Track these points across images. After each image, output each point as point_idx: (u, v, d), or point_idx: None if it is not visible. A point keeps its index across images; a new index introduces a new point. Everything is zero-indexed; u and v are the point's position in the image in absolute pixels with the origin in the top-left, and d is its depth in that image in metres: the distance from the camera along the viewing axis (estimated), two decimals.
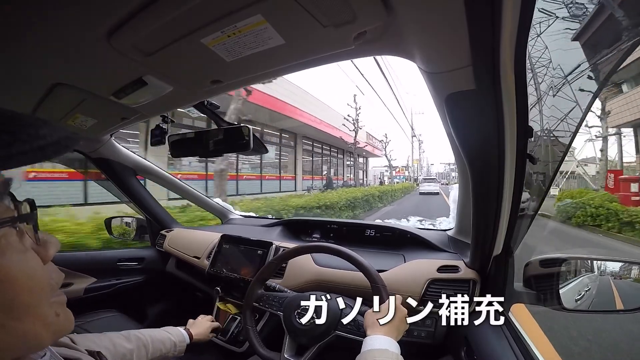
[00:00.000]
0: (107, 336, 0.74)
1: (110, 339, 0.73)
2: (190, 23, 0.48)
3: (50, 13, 0.46)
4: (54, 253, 0.36)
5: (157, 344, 0.84)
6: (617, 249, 5.62)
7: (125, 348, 0.74)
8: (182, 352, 0.93)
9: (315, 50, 0.56)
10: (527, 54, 0.44)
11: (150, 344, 0.81)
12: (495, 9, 0.37)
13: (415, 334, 0.95)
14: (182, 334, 0.96)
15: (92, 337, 0.71)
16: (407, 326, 0.77)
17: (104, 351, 0.63)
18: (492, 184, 0.64)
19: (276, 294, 0.92)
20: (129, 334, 0.80)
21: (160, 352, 0.85)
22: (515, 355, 0.68)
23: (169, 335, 0.90)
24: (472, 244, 0.87)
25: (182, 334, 0.95)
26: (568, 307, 0.78)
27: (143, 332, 0.85)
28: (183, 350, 0.93)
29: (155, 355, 0.83)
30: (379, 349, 0.66)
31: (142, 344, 0.79)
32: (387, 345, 0.67)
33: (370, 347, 0.67)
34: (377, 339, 0.68)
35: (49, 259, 0.35)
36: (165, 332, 0.91)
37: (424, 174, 40.33)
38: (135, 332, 0.83)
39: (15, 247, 0.32)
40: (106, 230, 1.67)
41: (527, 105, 0.51)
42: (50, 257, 0.36)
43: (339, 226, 1.40)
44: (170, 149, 0.92)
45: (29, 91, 0.72)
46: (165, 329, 0.94)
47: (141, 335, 0.82)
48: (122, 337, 0.77)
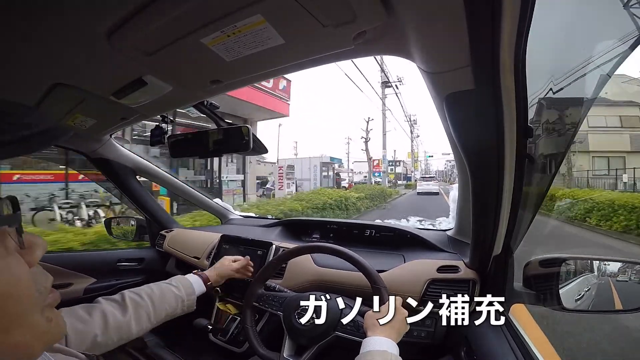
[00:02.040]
0: (97, 308, 0.67)
1: (102, 311, 0.67)
2: (190, 23, 0.48)
3: (50, 13, 0.46)
4: (41, 256, 0.33)
5: (160, 304, 0.76)
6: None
7: (119, 319, 0.68)
8: (193, 306, 0.83)
9: (315, 50, 0.57)
10: (526, 54, 0.44)
11: (151, 307, 0.74)
12: (495, 9, 0.37)
13: (415, 334, 0.95)
14: (190, 284, 0.84)
15: (80, 312, 0.65)
16: (407, 328, 0.77)
17: (99, 333, 0.60)
18: (492, 184, 0.64)
19: (276, 294, 0.92)
20: (124, 298, 0.72)
21: (165, 312, 0.77)
22: (515, 355, 0.68)
23: (173, 290, 0.80)
24: (472, 244, 0.87)
25: (191, 286, 0.84)
26: (568, 307, 0.78)
27: (142, 291, 0.76)
28: (193, 304, 0.83)
29: (159, 317, 0.76)
30: (378, 350, 0.66)
31: (142, 310, 0.72)
32: (387, 346, 0.67)
33: (370, 349, 0.67)
34: (376, 341, 0.68)
35: (35, 262, 0.32)
36: (169, 288, 0.81)
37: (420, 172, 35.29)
38: (133, 294, 0.74)
39: None
40: (106, 230, 1.67)
41: (526, 105, 0.51)
42: (36, 260, 0.33)
43: (339, 226, 1.40)
44: (170, 149, 0.92)
45: (28, 91, 0.72)
46: (171, 281, 0.83)
47: (139, 297, 0.74)
48: (115, 306, 0.70)
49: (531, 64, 0.45)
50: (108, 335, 0.65)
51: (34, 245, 0.33)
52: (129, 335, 0.70)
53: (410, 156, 33.89)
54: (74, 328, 0.60)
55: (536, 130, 0.57)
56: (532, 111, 0.55)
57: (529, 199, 0.68)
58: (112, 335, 0.66)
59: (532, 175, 0.64)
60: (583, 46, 0.52)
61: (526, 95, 0.50)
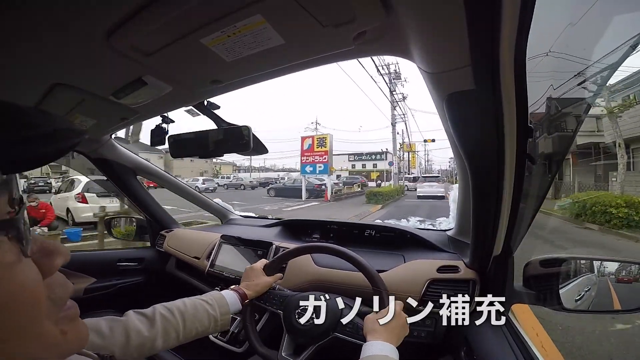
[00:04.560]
0: (122, 324, 0.64)
1: (126, 328, 0.63)
2: (190, 23, 0.48)
3: (50, 13, 0.46)
4: (61, 264, 0.31)
5: (191, 322, 0.71)
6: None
7: (144, 337, 0.64)
8: (227, 326, 0.77)
9: (315, 50, 0.57)
10: (526, 54, 0.44)
11: (181, 325, 0.69)
12: (494, 9, 0.37)
13: (415, 334, 0.95)
14: (225, 303, 0.78)
15: (102, 326, 0.61)
16: (406, 332, 0.77)
17: (117, 351, 0.56)
18: (492, 184, 0.64)
19: (277, 293, 0.92)
20: (154, 314, 0.68)
21: (195, 330, 0.71)
22: (515, 355, 0.68)
23: (207, 308, 0.75)
24: (472, 244, 0.87)
25: (226, 304, 0.78)
26: (568, 307, 0.78)
27: (174, 306, 0.71)
28: (227, 324, 0.77)
29: (189, 335, 0.71)
30: (379, 355, 0.66)
31: (170, 326, 0.68)
32: (387, 351, 0.66)
33: (370, 353, 0.66)
34: (376, 345, 0.68)
35: (53, 271, 0.30)
36: (203, 305, 0.75)
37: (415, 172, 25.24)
38: (165, 309, 0.70)
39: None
40: (106, 230, 1.67)
41: (526, 105, 0.51)
42: (55, 269, 0.30)
43: (339, 226, 1.40)
44: (170, 149, 0.92)
45: (28, 91, 0.72)
46: (206, 298, 0.77)
47: (170, 314, 0.70)
48: (143, 321, 0.66)
49: (531, 64, 0.45)
50: (128, 352, 0.62)
51: (53, 253, 0.31)
52: (151, 351, 0.67)
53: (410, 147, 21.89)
54: (91, 342, 0.56)
55: (536, 130, 0.57)
56: (532, 111, 0.55)
57: (529, 199, 0.69)
58: (132, 351, 0.63)
59: (533, 175, 0.64)
60: (583, 46, 0.52)
61: (526, 95, 0.50)
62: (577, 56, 0.53)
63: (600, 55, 0.49)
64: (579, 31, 0.46)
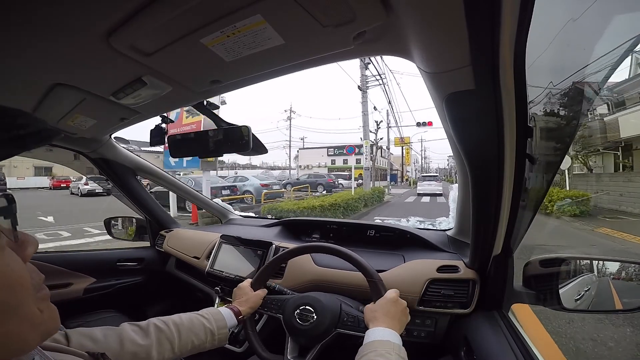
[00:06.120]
0: (116, 332, 0.64)
1: (120, 336, 0.63)
2: (190, 23, 0.48)
3: (50, 13, 0.46)
4: (33, 253, 0.35)
5: (187, 335, 0.71)
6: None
7: (138, 345, 0.64)
8: (225, 341, 0.77)
9: (315, 50, 0.56)
10: (526, 54, 0.44)
11: (175, 336, 0.69)
12: (494, 9, 0.37)
13: (415, 334, 0.95)
14: (222, 317, 0.78)
15: (96, 333, 0.61)
16: (408, 318, 0.77)
17: (111, 354, 0.55)
18: (492, 183, 0.64)
19: (275, 297, 0.92)
20: (148, 325, 0.68)
21: (191, 344, 0.71)
22: (514, 355, 0.68)
23: (203, 322, 0.75)
24: (472, 244, 0.87)
25: (223, 319, 0.78)
26: (568, 307, 0.78)
27: (170, 320, 0.72)
28: (225, 339, 0.77)
29: (184, 348, 0.70)
30: (381, 340, 0.66)
31: (164, 337, 0.68)
32: (389, 336, 0.67)
33: (372, 339, 0.67)
34: (378, 331, 0.68)
35: (28, 258, 0.33)
36: (199, 319, 0.75)
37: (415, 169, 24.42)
38: (159, 321, 0.70)
39: None
40: (106, 230, 1.67)
41: (526, 105, 0.51)
42: (28, 257, 0.34)
43: (339, 226, 1.40)
44: (170, 149, 0.92)
45: (28, 91, 0.72)
46: (202, 312, 0.78)
47: (165, 325, 0.70)
48: (137, 331, 0.66)
49: (531, 64, 0.45)
50: (121, 358, 0.62)
51: (26, 242, 0.34)
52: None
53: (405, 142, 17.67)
54: (85, 347, 0.55)
55: (536, 130, 0.57)
56: (532, 111, 0.55)
57: (529, 199, 0.69)
58: (125, 358, 0.63)
59: (532, 175, 0.64)
60: (583, 45, 0.52)
61: (526, 95, 0.50)
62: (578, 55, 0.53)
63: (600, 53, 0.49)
64: (579, 31, 0.46)
